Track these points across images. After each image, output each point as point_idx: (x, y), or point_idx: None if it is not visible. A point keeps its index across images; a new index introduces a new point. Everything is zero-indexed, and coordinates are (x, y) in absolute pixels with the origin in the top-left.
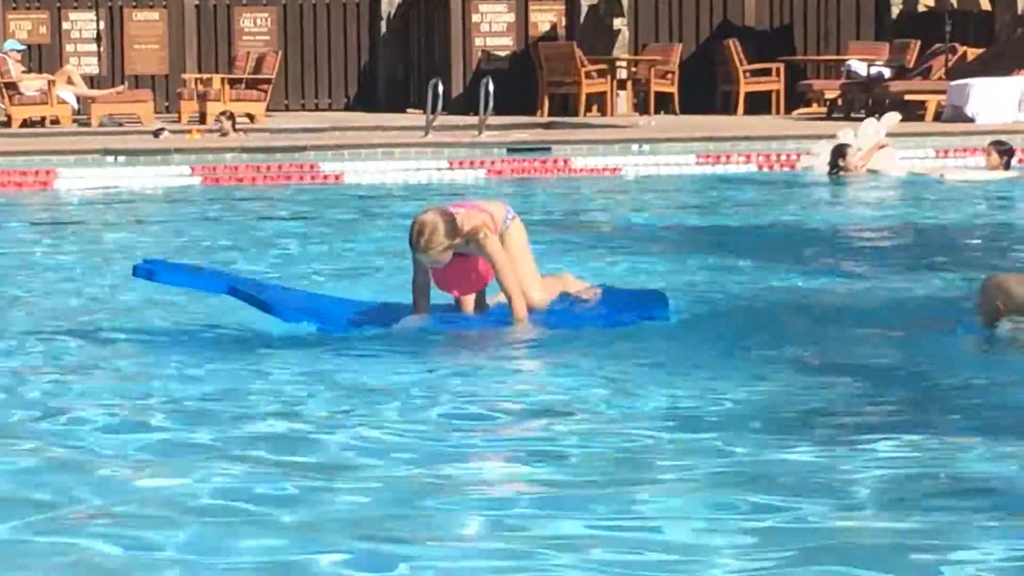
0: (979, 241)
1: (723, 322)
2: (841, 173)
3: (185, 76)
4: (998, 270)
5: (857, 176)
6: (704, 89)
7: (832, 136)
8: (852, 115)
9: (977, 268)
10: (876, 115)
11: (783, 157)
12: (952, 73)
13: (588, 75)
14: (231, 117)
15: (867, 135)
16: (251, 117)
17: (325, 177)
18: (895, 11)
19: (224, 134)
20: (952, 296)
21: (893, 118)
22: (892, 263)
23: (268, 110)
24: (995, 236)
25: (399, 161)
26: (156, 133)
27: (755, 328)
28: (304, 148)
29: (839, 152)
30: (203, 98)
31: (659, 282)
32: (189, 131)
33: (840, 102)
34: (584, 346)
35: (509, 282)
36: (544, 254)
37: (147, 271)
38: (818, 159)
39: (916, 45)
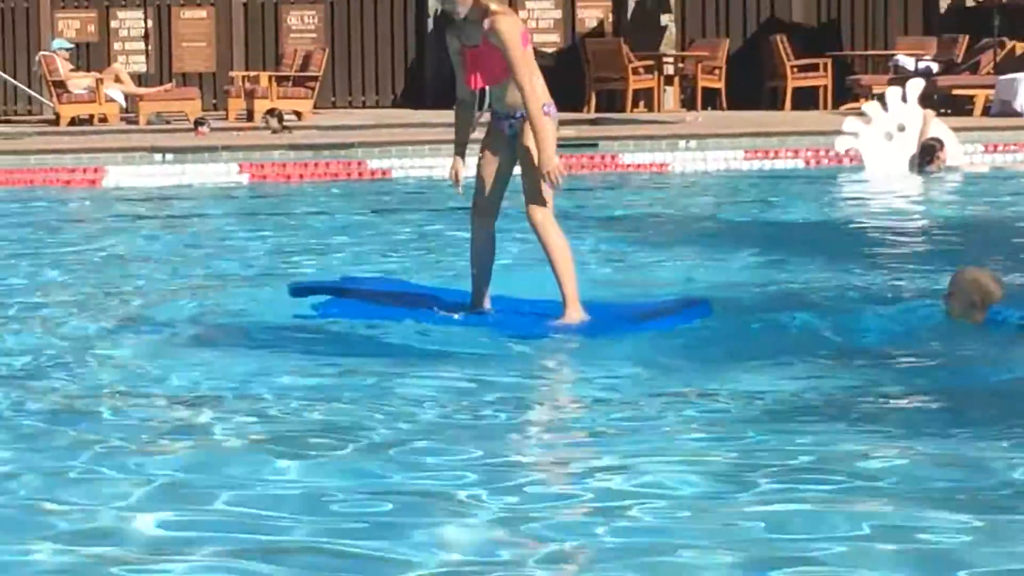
0: None
1: (771, 319)
2: (932, 169)
3: (233, 74)
4: None
5: (931, 171)
6: (751, 85)
7: (859, 112)
8: None
9: None
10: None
11: (831, 153)
12: (1000, 68)
13: (635, 71)
14: (278, 115)
15: (904, 110)
16: (298, 114)
17: (373, 174)
18: (943, 6)
19: (274, 132)
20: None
21: (917, 84)
22: (954, 259)
23: (315, 107)
24: None
25: (447, 157)
26: (197, 124)
27: (803, 325)
28: (352, 145)
29: (931, 150)
30: (251, 95)
31: (707, 278)
32: (236, 129)
33: None
34: (629, 343)
35: (522, 74)
36: (592, 250)
37: (301, 289)
38: (859, 139)
39: (964, 40)
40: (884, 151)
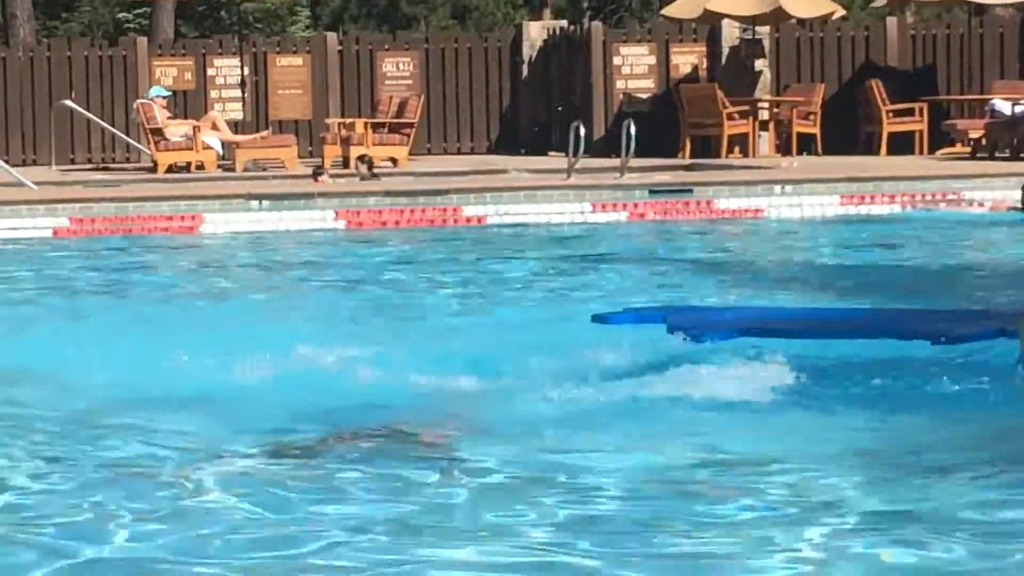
0: None
1: (870, 365)
2: None
3: (328, 121)
4: None
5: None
6: (846, 130)
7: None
8: (996, 155)
9: None
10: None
11: (927, 197)
12: None
13: (730, 116)
14: (368, 161)
15: None
16: (394, 161)
17: (468, 220)
18: None
19: (363, 179)
20: None
21: None
22: None
23: (411, 154)
24: None
25: (541, 204)
26: (316, 174)
27: (902, 372)
28: (447, 191)
29: None
30: (346, 143)
31: None
32: (344, 175)
33: (984, 141)
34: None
35: None
36: (685, 296)
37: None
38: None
39: None
40: None
